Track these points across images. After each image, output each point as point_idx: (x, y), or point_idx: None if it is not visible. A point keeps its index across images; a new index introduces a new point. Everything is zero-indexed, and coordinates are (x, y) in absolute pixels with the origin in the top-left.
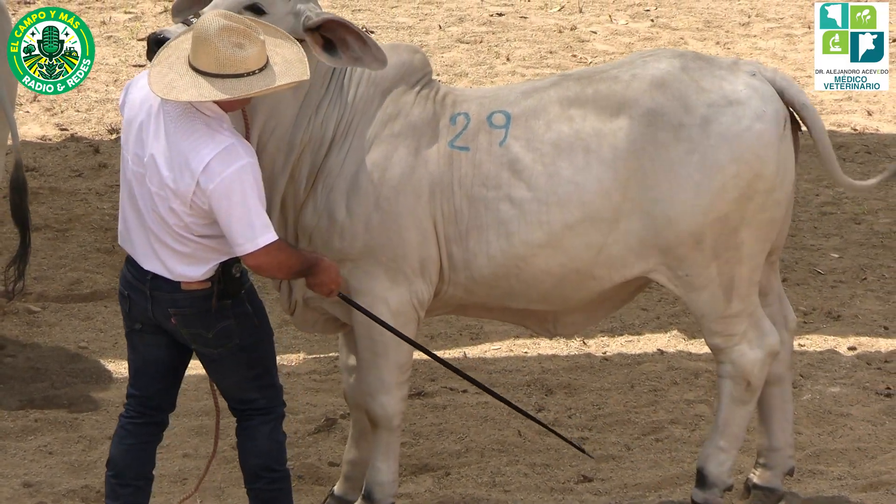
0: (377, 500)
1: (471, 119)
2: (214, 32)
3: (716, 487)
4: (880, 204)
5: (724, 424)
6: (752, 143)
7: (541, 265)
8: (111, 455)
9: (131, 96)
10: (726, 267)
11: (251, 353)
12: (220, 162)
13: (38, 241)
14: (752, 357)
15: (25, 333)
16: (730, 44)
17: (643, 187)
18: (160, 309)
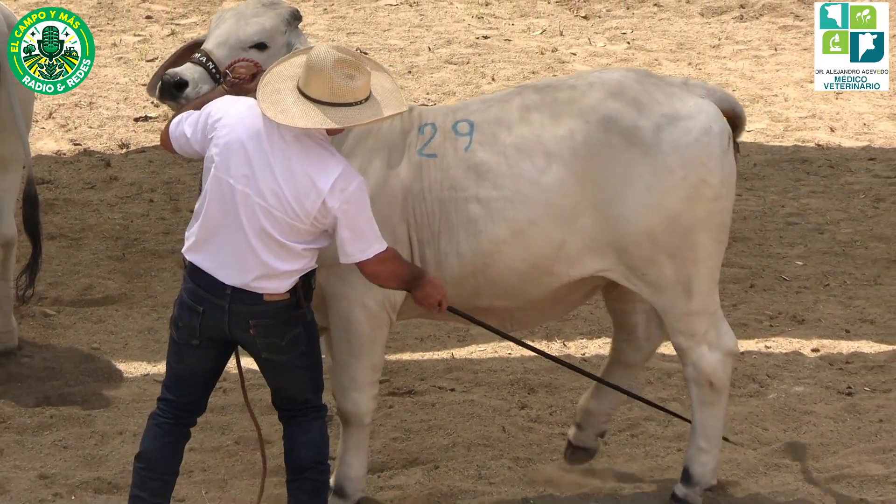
0: (349, 495)
1: (437, 129)
2: (331, 64)
3: (698, 486)
4: (842, 215)
5: (700, 426)
6: (699, 154)
7: (506, 261)
8: (143, 449)
9: (229, 121)
10: (683, 267)
11: (310, 357)
12: (343, 181)
13: (53, 249)
14: (712, 360)
15: (41, 335)
16: (701, 65)
17: (598, 187)
18: (238, 321)
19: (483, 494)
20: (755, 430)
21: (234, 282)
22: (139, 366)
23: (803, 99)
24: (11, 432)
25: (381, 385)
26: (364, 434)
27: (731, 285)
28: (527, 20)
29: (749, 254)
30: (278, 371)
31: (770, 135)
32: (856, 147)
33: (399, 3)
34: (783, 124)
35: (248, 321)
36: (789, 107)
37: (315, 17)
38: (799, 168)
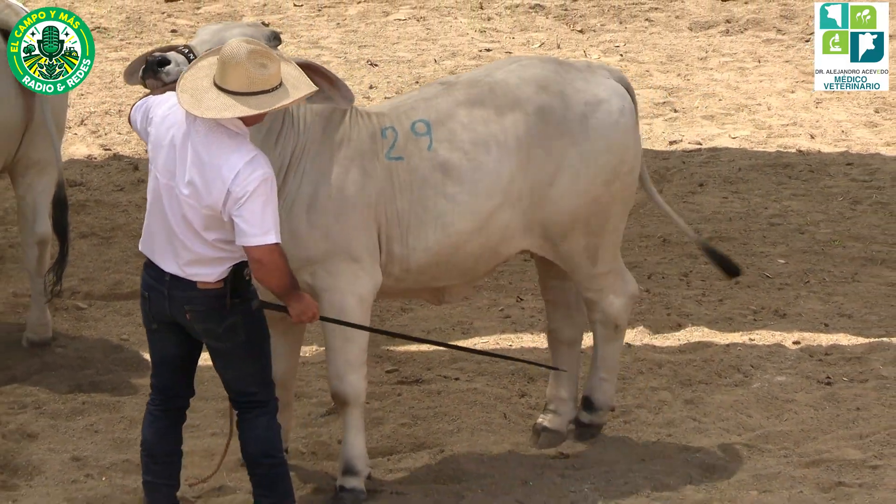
0: (360, 471)
1: (398, 132)
2: (245, 56)
3: (601, 410)
4: (821, 216)
5: (602, 360)
6: (619, 135)
7: (469, 248)
8: (143, 437)
9: (158, 115)
10: (593, 239)
11: (253, 350)
12: (248, 169)
13: (84, 246)
14: (618, 304)
15: (74, 327)
16: (689, 75)
17: (534, 173)
18: (177, 306)
19: (486, 477)
20: (740, 417)
21: (170, 269)
22: None
23: (785, 108)
24: (46, 417)
25: (389, 374)
26: (362, 413)
27: (717, 282)
28: (526, 34)
29: (734, 252)
30: (221, 359)
31: (754, 141)
32: (834, 153)
33: (407, 17)
34: (766, 131)
35: (184, 307)
36: (772, 115)
37: (328, 31)
38: (781, 172)
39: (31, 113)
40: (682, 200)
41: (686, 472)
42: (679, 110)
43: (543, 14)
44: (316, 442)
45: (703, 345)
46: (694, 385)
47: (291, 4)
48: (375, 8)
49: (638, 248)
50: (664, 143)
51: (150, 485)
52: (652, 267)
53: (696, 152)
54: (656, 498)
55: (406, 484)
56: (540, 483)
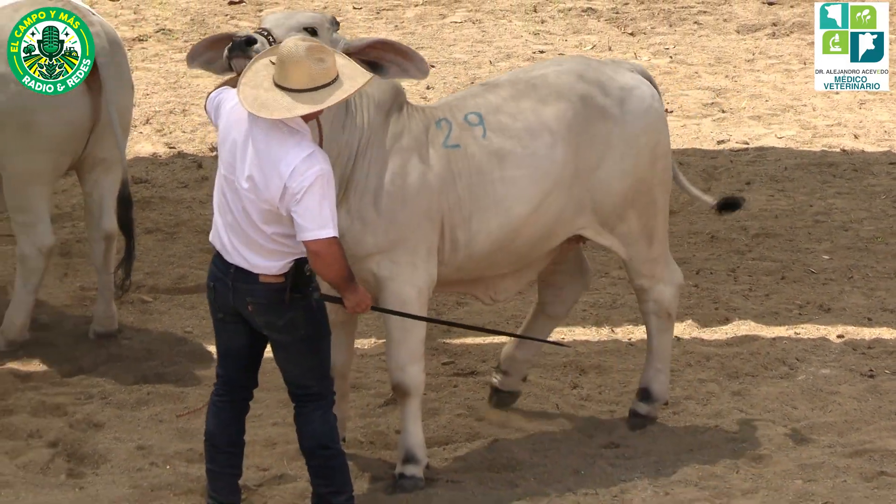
0: (420, 458)
1: (451, 122)
2: (305, 53)
3: (658, 401)
4: (865, 214)
5: (657, 351)
6: (653, 117)
7: (528, 233)
8: (207, 427)
9: (224, 111)
10: (646, 219)
11: (312, 345)
12: (305, 165)
13: (150, 242)
14: (669, 294)
15: (140, 320)
16: (737, 77)
17: (582, 157)
18: (240, 298)
19: (538, 466)
20: (786, 409)
21: (234, 261)
22: None
23: (830, 108)
24: (112, 407)
25: (446, 366)
26: (419, 403)
27: (763, 277)
28: (579, 36)
29: (780, 249)
30: (281, 351)
31: (799, 141)
32: (877, 152)
33: (463, 20)
34: (811, 131)
35: (246, 298)
36: (817, 116)
37: (387, 33)
38: (826, 171)
39: (98, 113)
40: None
41: (733, 462)
42: (727, 111)
43: (595, 17)
44: (374, 432)
45: (750, 338)
46: (741, 377)
47: (351, 7)
48: (432, 11)
49: (687, 244)
50: (712, 143)
51: (213, 473)
52: (700, 263)
53: (743, 151)
54: (704, 486)
55: (461, 472)
56: (591, 472)
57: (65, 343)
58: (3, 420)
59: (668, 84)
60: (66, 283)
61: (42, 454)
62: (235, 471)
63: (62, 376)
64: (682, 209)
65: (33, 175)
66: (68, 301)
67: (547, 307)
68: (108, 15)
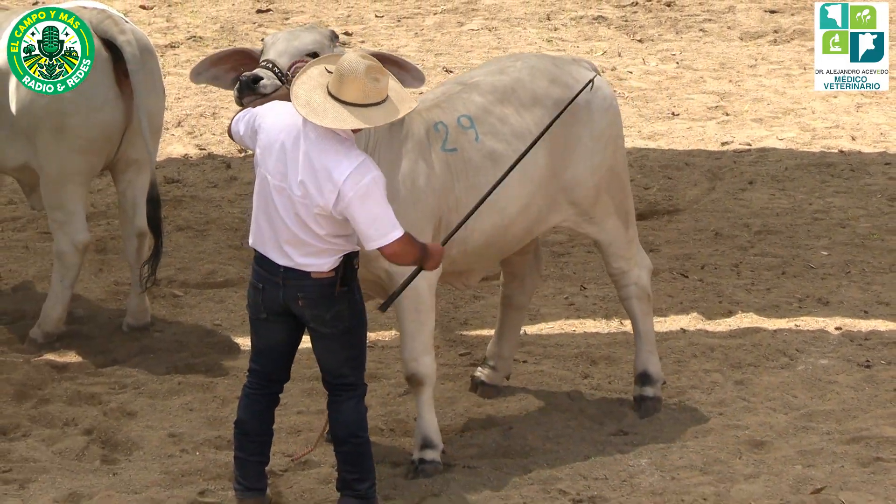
0: (436, 444)
1: (447, 126)
2: (364, 71)
3: (658, 381)
4: (862, 212)
5: (644, 335)
6: (614, 111)
7: (514, 230)
8: (238, 416)
9: (267, 122)
10: (619, 200)
11: (353, 337)
12: (358, 173)
13: (181, 239)
14: (645, 276)
15: (171, 313)
16: (740, 81)
17: (557, 158)
18: (290, 294)
19: (551, 452)
20: (786, 398)
21: (284, 262)
22: None
23: (828, 111)
24: (144, 397)
25: (462, 357)
26: (432, 391)
27: (765, 272)
28: (590, 43)
29: (781, 245)
30: (322, 342)
31: (799, 142)
32: (873, 153)
33: (480, 28)
34: (811, 133)
35: (297, 294)
36: (816, 118)
37: (407, 40)
38: (824, 171)
39: (130, 116)
40: (733, 197)
41: (736, 448)
42: (730, 114)
43: (605, 25)
44: (394, 420)
45: (752, 330)
46: (743, 367)
47: (373, 15)
48: (451, 19)
49: (692, 240)
50: (717, 144)
51: (241, 460)
52: (705, 258)
53: (746, 152)
54: (708, 471)
55: (477, 458)
56: (601, 458)
57: (100, 335)
58: (41, 409)
59: (674, 88)
60: (101, 279)
61: (77, 441)
62: (263, 458)
63: (97, 367)
64: (688, 207)
65: (69, 175)
66: (103, 295)
67: (512, 300)
68: (141, 23)
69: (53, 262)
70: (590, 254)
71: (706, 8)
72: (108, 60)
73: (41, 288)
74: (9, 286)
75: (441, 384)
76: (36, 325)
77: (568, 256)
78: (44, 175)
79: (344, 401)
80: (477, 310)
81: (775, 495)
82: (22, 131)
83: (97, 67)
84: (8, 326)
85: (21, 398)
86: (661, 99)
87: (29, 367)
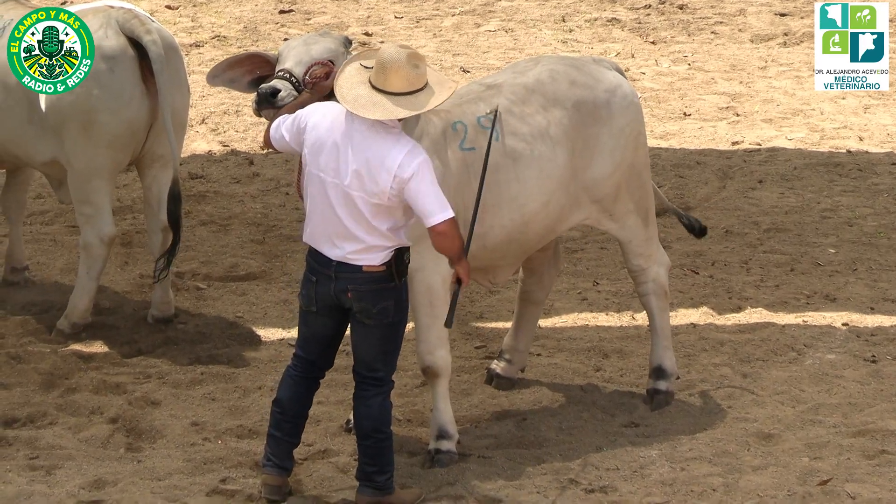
0: (452, 434)
1: (466, 126)
2: (405, 59)
3: (672, 376)
4: (869, 210)
5: (661, 330)
6: (634, 110)
7: (535, 228)
8: (279, 396)
9: (311, 123)
10: (638, 198)
11: (392, 333)
12: (410, 157)
13: (204, 233)
14: (663, 273)
15: (194, 305)
16: (750, 83)
17: (578, 157)
18: (341, 287)
19: (564, 443)
20: (794, 391)
21: (336, 256)
22: (275, 332)
23: (836, 113)
24: (168, 387)
25: (478, 350)
26: (447, 383)
27: (774, 269)
28: (604, 44)
29: (789, 242)
30: (362, 332)
31: (808, 142)
32: (881, 153)
33: (497, 29)
34: (819, 134)
35: (348, 286)
36: (825, 119)
37: (426, 41)
38: (832, 171)
39: (156, 113)
40: (743, 195)
41: (744, 440)
42: (741, 114)
43: (619, 27)
44: (411, 410)
45: (761, 325)
46: (752, 362)
47: (392, 16)
48: (468, 20)
49: (703, 238)
50: (727, 144)
51: (275, 439)
52: (715, 255)
53: (755, 152)
54: (717, 463)
55: (492, 448)
56: (613, 449)
57: (125, 326)
58: (67, 398)
59: (686, 89)
60: (127, 271)
61: (103, 429)
62: (295, 440)
63: (122, 357)
64: (699, 205)
65: (95, 170)
66: (128, 287)
67: (531, 295)
68: (167, 22)
69: (80, 254)
70: (603, 250)
71: (718, 11)
72: (135, 58)
73: (68, 280)
74: (37, 278)
75: (457, 376)
76: (63, 316)
77: (581, 252)
78: (71, 170)
79: (371, 396)
80: (492, 304)
81: (782, 486)
82: (50, 127)
83: (124, 65)
84: (36, 317)
85: (48, 387)
86: (673, 99)
87: (56, 357)
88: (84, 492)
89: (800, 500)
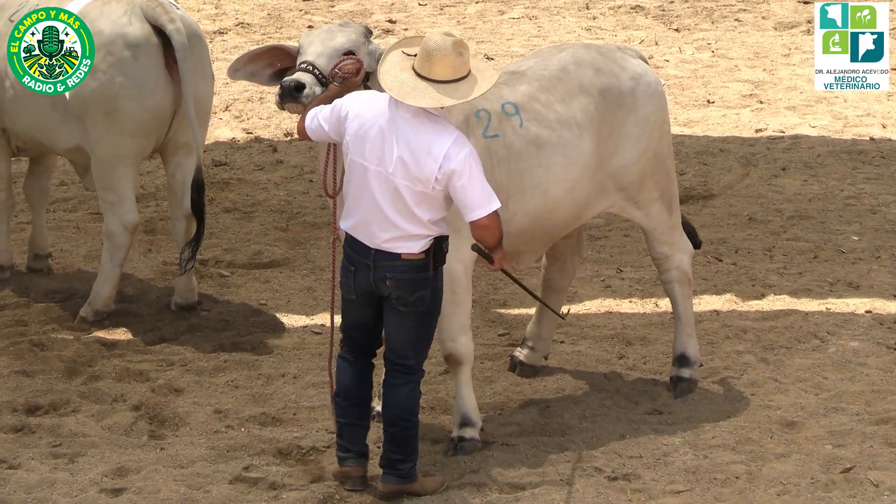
0: (475, 421)
1: (490, 113)
2: (451, 47)
3: (696, 363)
4: (892, 198)
5: (684, 318)
6: (659, 98)
7: (560, 214)
8: (339, 383)
9: (353, 112)
10: (663, 186)
11: (426, 322)
12: (456, 146)
13: (228, 220)
14: (687, 260)
15: (218, 293)
16: (773, 70)
17: (604, 145)
18: (380, 275)
19: (587, 430)
20: (817, 379)
21: (375, 244)
22: (299, 319)
23: (860, 100)
24: (192, 374)
25: (501, 337)
26: (470, 370)
27: (797, 256)
28: (628, 32)
29: (813, 230)
30: (396, 318)
31: (831, 130)
32: None
33: (520, 16)
34: (842, 121)
35: (386, 274)
36: (848, 107)
37: (449, 28)
38: (856, 158)
39: (179, 101)
40: (766, 183)
41: (767, 428)
42: (764, 102)
43: (643, 14)
44: (434, 398)
45: (785, 313)
46: (776, 349)
47: (416, 3)
48: (492, 7)
49: (727, 225)
50: (751, 131)
51: (345, 426)
52: (739, 242)
53: (779, 139)
54: (740, 451)
55: (515, 436)
56: (636, 436)
57: (148, 314)
58: (91, 385)
59: (710, 76)
60: (150, 259)
61: (126, 417)
62: (365, 422)
63: (145, 344)
64: (723, 193)
65: (119, 157)
66: (152, 275)
67: (553, 282)
68: (190, 9)
69: (103, 242)
70: (626, 237)
71: None
72: (159, 46)
73: (91, 267)
74: (60, 265)
75: (480, 364)
76: (86, 303)
77: (605, 240)
78: (95, 157)
79: (401, 384)
80: (515, 291)
81: (805, 474)
82: (74, 114)
83: (148, 53)
84: (59, 304)
85: (71, 375)
86: (697, 87)
87: (79, 345)
88: (107, 479)
89: (823, 488)
